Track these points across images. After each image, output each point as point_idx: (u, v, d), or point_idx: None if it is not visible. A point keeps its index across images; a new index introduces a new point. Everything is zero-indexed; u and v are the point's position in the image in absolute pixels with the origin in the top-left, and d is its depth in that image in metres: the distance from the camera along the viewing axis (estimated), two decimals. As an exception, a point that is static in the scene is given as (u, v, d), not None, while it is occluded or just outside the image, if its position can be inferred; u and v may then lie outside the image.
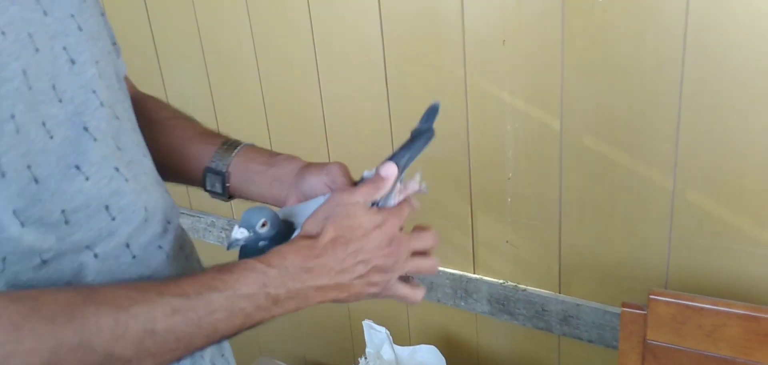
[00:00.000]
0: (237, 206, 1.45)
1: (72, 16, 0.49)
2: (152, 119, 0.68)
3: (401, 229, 0.57)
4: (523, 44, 0.91)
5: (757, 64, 0.75)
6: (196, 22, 1.27)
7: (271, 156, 0.66)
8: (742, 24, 0.75)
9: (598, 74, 0.87)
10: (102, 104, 0.50)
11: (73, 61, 0.48)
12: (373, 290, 0.55)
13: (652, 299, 0.75)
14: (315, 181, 0.62)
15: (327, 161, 1.21)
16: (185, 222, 1.55)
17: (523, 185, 1.00)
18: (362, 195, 0.55)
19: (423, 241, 0.59)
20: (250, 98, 1.27)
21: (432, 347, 1.15)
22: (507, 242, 1.05)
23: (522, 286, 1.06)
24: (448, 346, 1.19)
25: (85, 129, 0.48)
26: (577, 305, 0.99)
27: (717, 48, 0.77)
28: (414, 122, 0.62)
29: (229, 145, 0.66)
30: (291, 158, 0.66)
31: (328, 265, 0.51)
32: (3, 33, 0.42)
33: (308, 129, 1.21)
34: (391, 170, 0.57)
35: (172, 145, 0.67)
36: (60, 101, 0.46)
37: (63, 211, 0.46)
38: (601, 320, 0.97)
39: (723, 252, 0.85)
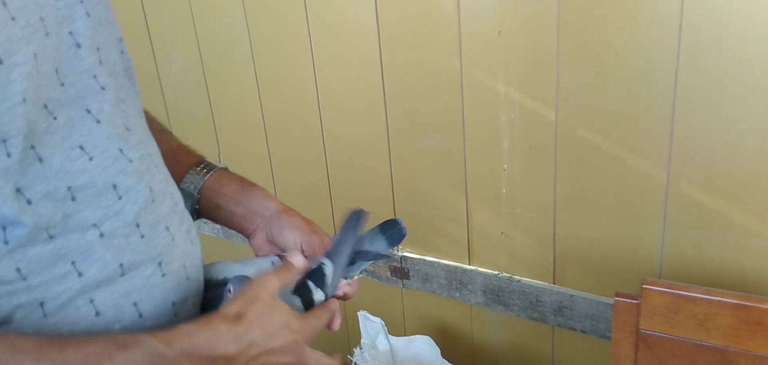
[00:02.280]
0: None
1: (81, 1, 0.50)
2: None
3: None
4: (518, 35, 0.91)
5: (753, 56, 0.76)
6: (191, 8, 1.27)
7: (244, 187, 0.67)
8: (737, 18, 0.75)
9: (594, 66, 0.87)
10: (103, 88, 0.50)
11: (78, 46, 0.49)
12: None
13: (646, 288, 0.76)
14: (288, 235, 0.64)
15: (325, 161, 1.21)
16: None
17: (518, 177, 1.00)
18: (277, 279, 0.55)
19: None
20: (244, 87, 1.27)
21: (427, 337, 1.15)
22: (502, 233, 1.06)
23: (516, 277, 1.06)
24: (443, 337, 1.20)
25: (88, 111, 0.48)
26: (571, 295, 1.00)
27: (712, 40, 0.78)
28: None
29: (203, 167, 0.68)
30: (267, 195, 0.68)
31: (233, 355, 0.49)
32: (13, 18, 0.42)
33: (303, 119, 1.21)
34: (298, 260, 0.59)
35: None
36: (62, 84, 0.47)
37: (69, 188, 0.47)
38: (595, 310, 0.98)
39: (716, 243, 0.86)
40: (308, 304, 0.58)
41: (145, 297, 0.52)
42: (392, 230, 0.67)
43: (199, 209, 0.67)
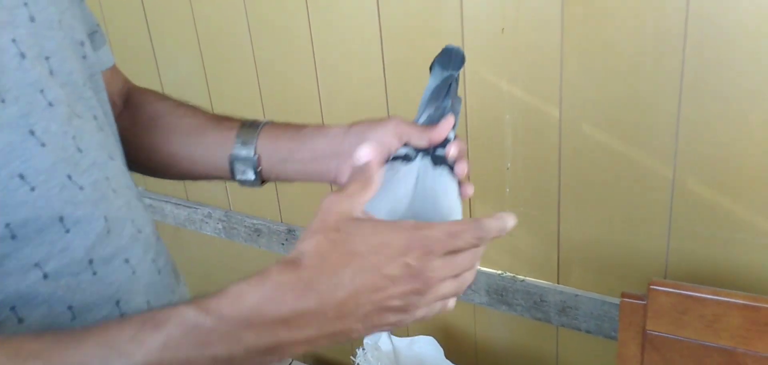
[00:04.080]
0: (234, 196, 1.44)
1: (25, 4, 0.43)
2: (151, 114, 0.64)
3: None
4: (522, 32, 0.90)
5: (758, 54, 0.75)
6: (192, 11, 1.26)
7: (298, 129, 0.60)
8: (744, 13, 0.74)
9: (598, 63, 0.86)
10: (51, 104, 0.43)
11: (22, 56, 0.42)
12: (385, 328, 0.42)
13: (652, 289, 0.74)
14: (368, 149, 0.49)
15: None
16: (181, 214, 1.54)
17: (522, 175, 0.99)
18: (356, 195, 0.43)
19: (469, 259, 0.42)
20: (246, 90, 1.26)
21: (430, 338, 1.14)
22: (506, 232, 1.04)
23: (520, 277, 1.05)
24: (446, 337, 1.19)
25: (31, 133, 0.42)
26: (576, 295, 0.99)
27: (718, 37, 0.76)
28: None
29: (248, 126, 0.60)
30: (323, 127, 0.59)
31: (313, 310, 0.38)
32: None
33: (306, 120, 1.20)
34: (364, 154, 0.46)
35: (182, 138, 0.63)
36: (2, 101, 0.40)
37: (8, 225, 0.40)
38: (600, 310, 0.97)
39: (723, 241, 0.85)
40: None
41: None
42: (449, 60, 0.57)
43: (262, 171, 0.60)
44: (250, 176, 0.60)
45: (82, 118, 0.47)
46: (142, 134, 0.64)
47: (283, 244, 1.38)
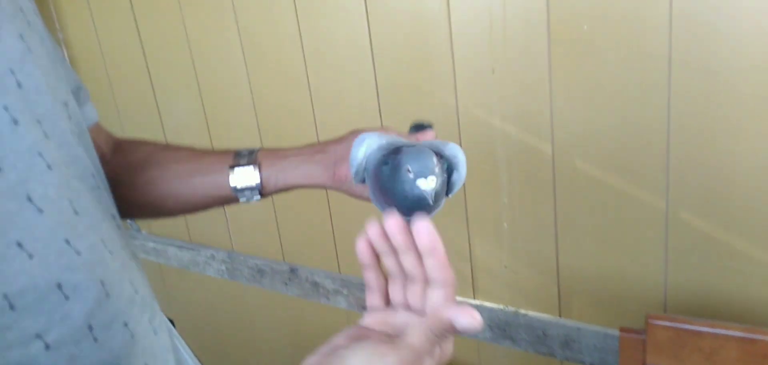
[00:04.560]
0: (236, 236, 1.46)
1: (11, 70, 0.43)
2: (144, 153, 0.65)
3: None
4: (511, 72, 0.92)
5: (743, 84, 0.76)
6: (190, 52, 1.29)
7: (298, 148, 0.64)
8: (729, 44, 0.75)
9: (586, 99, 0.87)
10: (49, 167, 0.43)
11: (15, 122, 0.42)
12: None
13: (651, 323, 0.75)
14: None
15: (326, 199, 1.21)
16: (184, 256, 1.56)
17: (519, 210, 1.00)
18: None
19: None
20: (245, 128, 1.28)
21: (435, 374, 1.14)
22: (505, 267, 1.05)
23: (522, 311, 1.06)
24: (451, 372, 1.19)
25: (29, 199, 0.41)
26: (578, 328, 0.99)
27: (702, 69, 0.78)
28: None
29: (243, 150, 0.63)
30: (320, 143, 0.63)
31: None
32: None
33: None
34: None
35: (179, 167, 0.64)
36: (0, 169, 0.40)
37: (5, 295, 0.39)
38: (603, 343, 0.97)
39: (719, 271, 0.85)
40: None
41: None
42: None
43: (263, 178, 0.62)
44: (252, 181, 0.61)
45: (78, 178, 0.47)
46: (137, 173, 0.65)
47: (285, 284, 1.39)
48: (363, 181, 0.55)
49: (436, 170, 0.47)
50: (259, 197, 0.63)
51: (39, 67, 0.46)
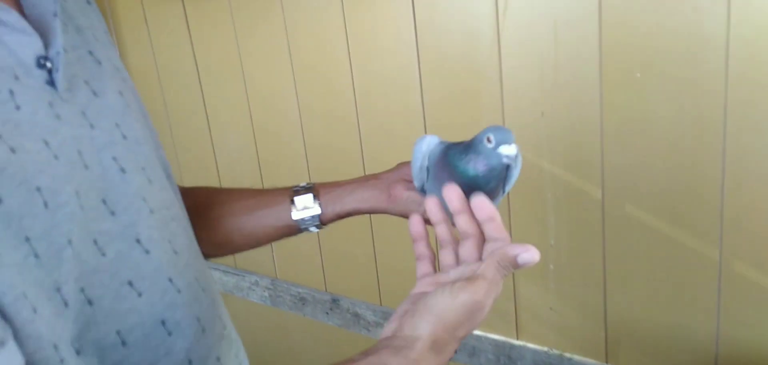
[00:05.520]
0: (280, 263, 1.49)
1: (117, 125, 0.48)
2: (202, 196, 0.68)
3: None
4: (561, 116, 0.93)
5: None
6: (245, 87, 1.34)
7: (352, 178, 0.67)
8: (785, 98, 0.75)
9: (639, 145, 0.88)
10: (152, 211, 0.48)
11: (123, 171, 0.47)
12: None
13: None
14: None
15: (371, 234, 1.24)
16: (229, 281, 1.60)
17: (566, 252, 1.00)
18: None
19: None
20: (294, 166, 1.32)
21: (475, 413, 1.14)
22: (551, 308, 1.05)
23: (567, 354, 1.05)
24: (492, 412, 1.18)
25: (138, 241, 0.46)
26: (625, 375, 0.98)
27: (759, 117, 0.78)
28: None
29: (300, 184, 0.67)
30: (373, 173, 0.67)
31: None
32: (56, 157, 0.40)
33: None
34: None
35: (241, 203, 0.68)
36: (112, 213, 0.44)
37: (118, 332, 0.43)
38: (650, 391, 0.95)
39: (776, 325, 0.83)
40: None
41: None
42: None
43: (322, 204, 0.65)
44: (312, 211, 0.64)
45: (174, 220, 0.51)
46: (202, 214, 0.68)
47: (327, 313, 1.41)
48: (422, 188, 0.57)
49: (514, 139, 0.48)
50: (319, 225, 0.66)
51: (136, 119, 0.51)
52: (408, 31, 1.03)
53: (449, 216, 0.51)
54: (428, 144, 0.56)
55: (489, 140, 0.49)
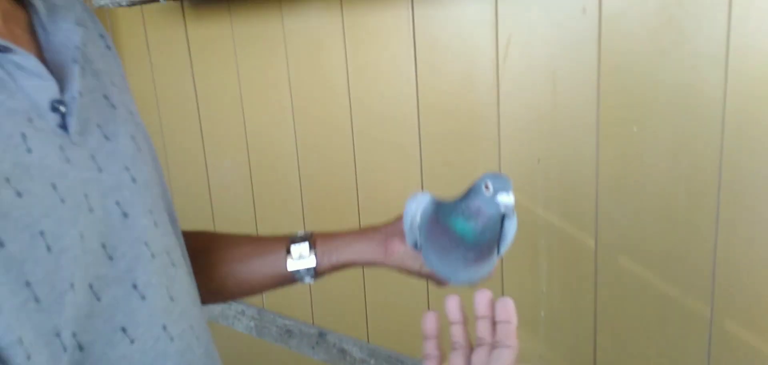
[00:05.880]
0: (267, 295, 1.47)
1: (126, 168, 0.48)
2: (200, 240, 0.68)
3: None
4: (557, 164, 0.94)
5: (794, 201, 0.76)
6: (243, 117, 1.34)
7: (349, 230, 0.66)
8: (778, 161, 0.76)
9: (633, 198, 0.88)
10: (153, 256, 0.47)
11: (125, 215, 0.46)
12: None
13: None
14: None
15: (362, 278, 1.23)
16: (214, 309, 1.57)
17: (558, 301, 1.00)
18: None
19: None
20: (289, 199, 1.31)
21: None
22: (540, 357, 1.04)
23: (555, 403, 1.04)
24: None
25: (134, 287, 0.45)
26: (613, 428, 0.97)
27: (753, 175, 0.79)
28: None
29: (298, 233, 0.67)
30: (371, 225, 0.66)
31: None
32: (63, 200, 0.40)
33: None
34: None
35: (238, 250, 0.67)
36: (110, 258, 0.44)
37: None
38: None
39: (766, 387, 0.83)
40: None
41: None
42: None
43: (318, 253, 0.65)
44: (307, 262, 0.64)
45: (173, 265, 0.51)
46: (198, 258, 0.67)
47: (313, 347, 1.39)
48: (415, 244, 0.57)
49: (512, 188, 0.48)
50: (313, 276, 0.65)
51: (146, 163, 0.51)
52: (408, 71, 1.05)
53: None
54: (418, 203, 0.56)
55: (487, 187, 0.49)
